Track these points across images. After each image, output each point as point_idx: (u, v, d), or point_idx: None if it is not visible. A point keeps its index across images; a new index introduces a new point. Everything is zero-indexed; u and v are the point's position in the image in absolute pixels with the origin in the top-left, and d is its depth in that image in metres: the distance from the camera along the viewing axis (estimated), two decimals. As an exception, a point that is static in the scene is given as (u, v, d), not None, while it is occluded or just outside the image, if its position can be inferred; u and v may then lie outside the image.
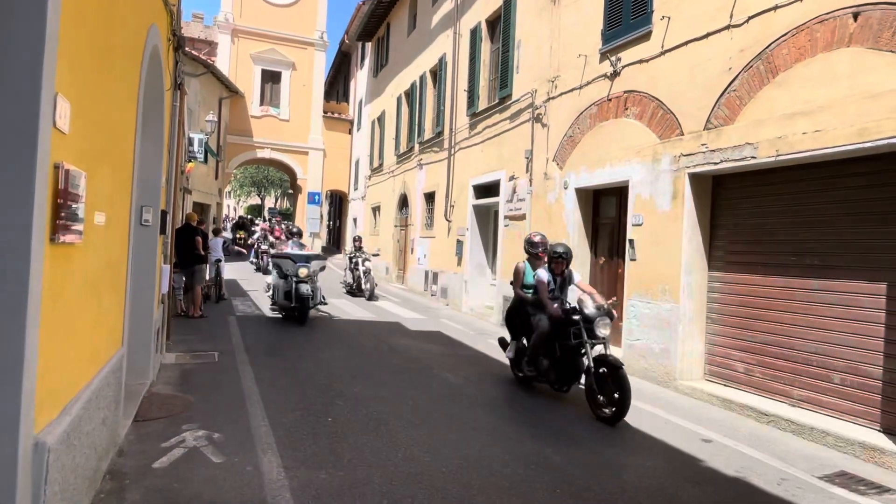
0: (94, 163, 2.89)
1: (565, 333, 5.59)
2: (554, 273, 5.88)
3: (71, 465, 2.59)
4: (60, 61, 2.18)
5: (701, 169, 6.40)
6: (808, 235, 5.57)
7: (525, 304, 6.21)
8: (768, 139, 5.56)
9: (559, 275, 5.91)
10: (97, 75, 2.88)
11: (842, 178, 5.30)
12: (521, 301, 6.29)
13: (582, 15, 8.70)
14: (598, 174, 8.16)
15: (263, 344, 7.84)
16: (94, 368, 3.19)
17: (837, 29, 4.99)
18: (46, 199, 2.15)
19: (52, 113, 2.14)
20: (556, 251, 5.83)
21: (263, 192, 47.26)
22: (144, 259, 5.17)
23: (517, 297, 6.39)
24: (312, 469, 3.76)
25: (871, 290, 4.99)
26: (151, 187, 5.21)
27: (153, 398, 5.06)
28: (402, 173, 17.86)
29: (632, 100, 7.52)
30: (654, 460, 4.36)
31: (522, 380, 6.34)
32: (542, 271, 5.89)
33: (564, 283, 5.97)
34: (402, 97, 18.16)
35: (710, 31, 6.33)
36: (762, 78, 5.70)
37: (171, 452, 3.90)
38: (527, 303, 6.18)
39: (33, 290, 2.04)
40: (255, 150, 24.80)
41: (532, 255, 6.41)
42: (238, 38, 24.32)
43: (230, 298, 12.18)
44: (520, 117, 10.44)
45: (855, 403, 5.06)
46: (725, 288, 6.45)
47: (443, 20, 14.77)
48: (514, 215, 10.52)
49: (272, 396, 5.36)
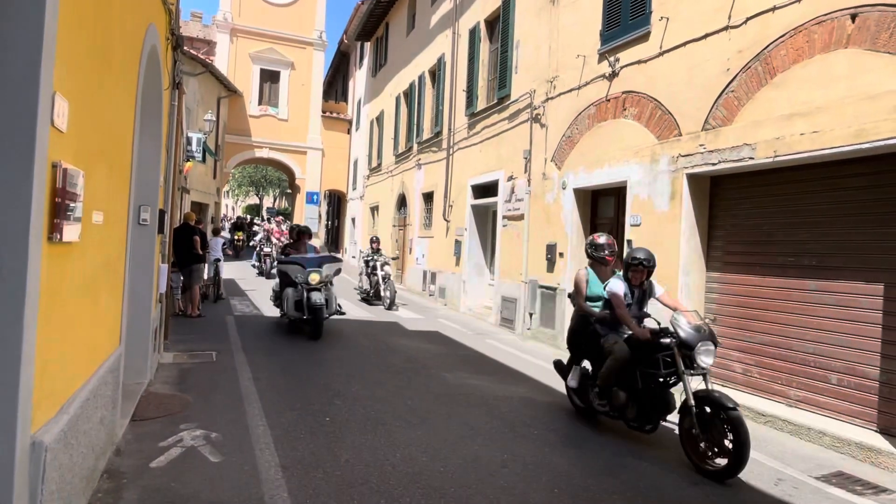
0: (92, 162, 2.89)
1: (651, 361, 4.55)
2: (631, 284, 4.84)
3: (68, 465, 2.59)
4: (59, 60, 2.18)
5: (699, 169, 6.41)
6: (806, 236, 5.58)
7: (591, 322, 5.10)
8: (766, 140, 5.57)
9: (637, 286, 4.88)
10: (95, 74, 2.88)
11: (839, 179, 5.31)
12: (585, 317, 5.18)
13: (581, 15, 8.71)
14: (596, 174, 8.17)
15: (261, 344, 7.84)
16: (92, 367, 3.19)
17: (835, 30, 5.00)
18: (44, 198, 2.15)
19: (51, 112, 2.14)
20: (637, 257, 4.76)
21: (262, 191, 47.20)
22: (142, 258, 5.17)
23: (580, 313, 5.26)
24: (310, 469, 3.76)
25: (869, 290, 5.00)
26: (149, 186, 5.21)
27: (151, 397, 5.05)
28: (401, 173, 17.85)
29: (630, 100, 7.53)
30: (652, 460, 4.36)
31: (586, 412, 5.27)
32: (617, 282, 4.84)
33: (644, 296, 4.95)
34: (401, 97, 18.16)
35: (709, 31, 6.34)
36: (760, 79, 5.71)
37: (168, 452, 3.89)
38: (593, 319, 5.07)
39: (31, 288, 2.04)
40: (254, 150, 24.78)
41: (596, 259, 5.28)
42: (237, 38, 24.29)
43: (228, 298, 12.17)
44: (518, 117, 10.45)
45: (852, 404, 5.07)
46: (723, 288, 6.46)
47: (442, 20, 14.77)
48: (513, 215, 10.52)
49: (270, 396, 5.36)
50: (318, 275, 8.31)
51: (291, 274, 8.45)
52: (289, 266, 8.61)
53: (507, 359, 7.90)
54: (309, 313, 8.14)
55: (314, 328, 8.14)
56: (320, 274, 8.36)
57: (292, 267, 8.52)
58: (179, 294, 9.60)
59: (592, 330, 5.04)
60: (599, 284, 5.12)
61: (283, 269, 8.83)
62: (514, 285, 10.33)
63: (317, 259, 8.83)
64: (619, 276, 4.91)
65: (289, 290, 8.55)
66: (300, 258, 8.73)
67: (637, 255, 4.78)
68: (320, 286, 8.32)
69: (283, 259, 9.11)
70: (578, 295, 5.20)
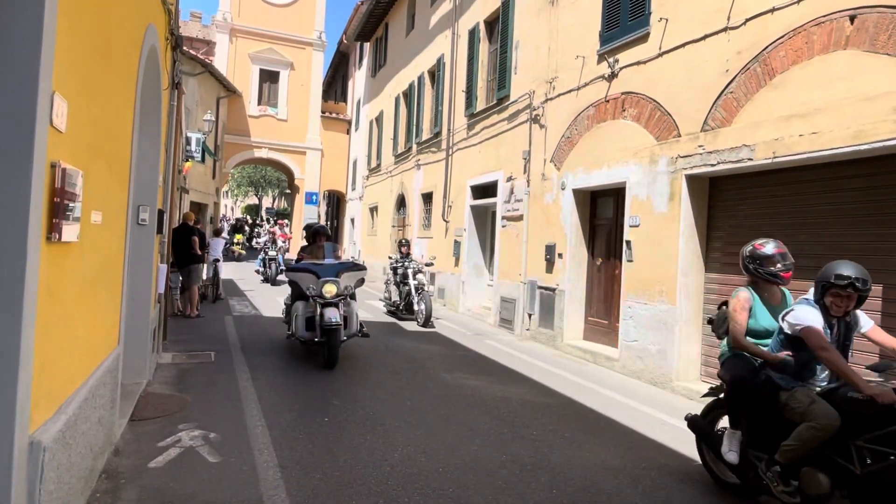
0: (91, 161, 2.89)
1: (875, 429, 2.95)
2: (829, 314, 3.33)
3: (66, 465, 2.58)
4: (58, 60, 2.18)
5: (698, 170, 6.42)
6: (805, 237, 5.58)
7: (759, 367, 3.58)
8: (765, 141, 5.58)
9: (839, 317, 3.37)
10: (95, 74, 2.88)
11: (838, 181, 5.32)
12: (748, 360, 3.66)
13: (580, 16, 8.71)
14: (595, 175, 8.17)
15: (260, 344, 7.84)
16: (91, 367, 3.18)
17: (834, 31, 5.01)
18: (43, 198, 2.15)
19: (50, 111, 2.14)
20: (844, 274, 3.25)
21: (261, 191, 47.20)
22: (141, 258, 5.17)
23: (739, 352, 3.68)
24: (309, 469, 3.76)
25: (867, 291, 5.00)
26: (148, 186, 5.20)
27: (149, 397, 5.05)
28: (400, 174, 17.85)
29: (629, 101, 7.54)
30: (651, 462, 4.36)
31: (742, 488, 3.73)
32: (810, 311, 3.32)
33: (848, 331, 3.43)
34: (401, 97, 18.16)
35: (708, 33, 6.35)
36: (759, 80, 5.72)
37: (167, 452, 3.89)
38: (767, 364, 3.52)
39: (29, 288, 2.04)
40: (253, 150, 24.77)
41: (762, 277, 3.70)
42: (236, 38, 24.28)
43: (227, 298, 12.17)
44: (518, 118, 10.46)
45: (850, 405, 5.07)
46: (722, 289, 6.45)
47: (441, 21, 14.78)
48: (512, 216, 10.53)
49: (268, 396, 5.36)
50: (335, 286, 6.60)
51: (302, 284, 6.79)
52: (299, 274, 6.89)
53: (506, 359, 7.90)
54: (322, 335, 6.46)
55: (328, 354, 6.48)
56: (337, 285, 6.64)
57: (303, 276, 6.81)
58: (178, 294, 9.60)
59: (765, 379, 3.49)
60: (768, 314, 3.69)
61: (292, 277, 7.12)
62: (513, 286, 10.33)
63: (334, 266, 7.02)
64: (810, 302, 3.40)
65: (299, 305, 6.94)
66: (313, 265, 6.98)
67: (844, 272, 3.25)
68: (338, 300, 6.64)
69: (294, 266, 7.34)
70: (736, 327, 3.62)
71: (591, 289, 8.70)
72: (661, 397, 6.33)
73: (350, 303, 7.01)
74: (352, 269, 7.22)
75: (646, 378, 6.94)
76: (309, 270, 6.80)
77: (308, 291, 6.67)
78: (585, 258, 8.77)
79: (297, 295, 7.17)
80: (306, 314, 6.81)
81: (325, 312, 6.44)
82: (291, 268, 7.32)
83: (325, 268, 6.89)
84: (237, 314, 10.41)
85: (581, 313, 8.78)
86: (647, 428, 5.19)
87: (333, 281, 6.66)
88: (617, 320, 7.75)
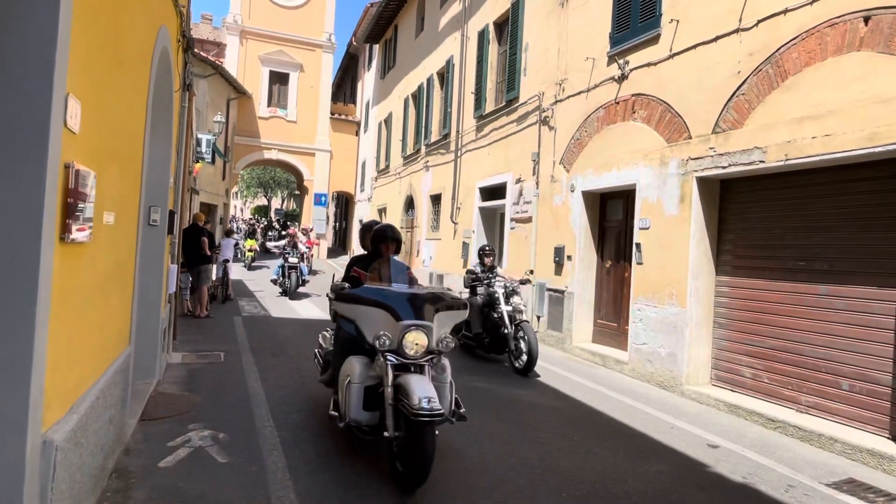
0: (104, 162, 2.91)
1: None
2: None
3: (78, 464, 2.60)
4: (72, 62, 2.20)
5: (709, 173, 6.38)
6: (817, 240, 5.53)
7: None
8: (777, 143, 5.54)
9: None
10: (108, 76, 2.90)
11: (851, 183, 5.26)
12: None
13: (590, 18, 8.69)
14: (604, 177, 8.14)
15: (269, 344, 7.86)
16: (102, 367, 3.20)
17: (848, 33, 4.96)
18: (57, 199, 2.17)
19: (63, 113, 2.15)
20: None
21: (270, 192, 47.41)
22: (152, 259, 5.20)
23: None
24: (317, 470, 3.76)
25: (881, 295, 4.95)
26: (160, 187, 5.24)
27: (159, 397, 5.07)
28: (409, 175, 17.87)
29: (639, 103, 7.50)
30: (660, 465, 4.33)
31: None
32: None
33: None
34: (409, 99, 18.19)
35: (720, 34, 6.31)
36: (771, 82, 5.67)
37: (176, 452, 3.91)
38: None
39: (43, 288, 2.05)
40: (263, 151, 24.87)
41: None
42: (246, 40, 24.41)
43: (236, 299, 12.22)
44: (527, 120, 10.44)
45: (864, 410, 5.02)
46: (733, 292, 6.41)
47: (450, 22, 14.79)
48: (521, 218, 10.50)
49: (277, 397, 5.37)
50: (426, 336, 3.79)
51: (365, 326, 3.96)
52: (362, 309, 3.99)
53: (514, 362, 7.85)
54: (405, 429, 3.53)
55: (412, 464, 3.45)
56: (429, 335, 3.81)
57: (369, 311, 3.95)
58: (188, 294, 9.65)
59: None
60: None
61: (348, 313, 4.13)
62: (522, 288, 10.28)
63: (420, 298, 4.01)
64: None
65: (355, 364, 3.93)
66: (382, 293, 4.04)
67: None
68: (426, 360, 3.79)
69: (350, 293, 4.11)
70: None
71: (600, 291, 8.67)
72: (671, 401, 6.29)
73: (444, 364, 3.95)
74: (448, 304, 4.08)
75: (655, 381, 6.89)
76: (380, 303, 3.86)
77: (377, 342, 3.70)
78: (595, 260, 8.73)
79: (348, 342, 4.09)
80: (367, 380, 3.82)
81: (408, 385, 3.46)
82: (346, 294, 4.06)
83: (404, 300, 3.89)
84: (246, 315, 10.45)
85: (590, 316, 8.74)
86: (657, 432, 5.15)
87: (423, 327, 3.73)
88: (626, 323, 7.71)
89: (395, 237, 4.62)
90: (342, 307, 4.09)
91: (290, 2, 25.08)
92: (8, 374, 1.99)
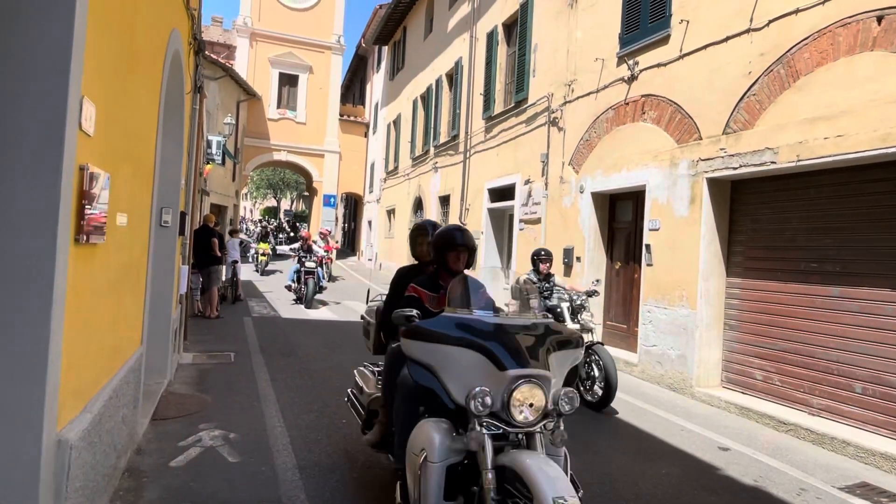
0: (118, 164, 2.94)
1: None
2: None
3: (91, 462, 2.62)
4: (87, 65, 2.22)
5: (719, 174, 6.34)
6: (829, 241, 5.48)
7: None
8: (789, 144, 5.50)
9: None
10: (121, 79, 2.93)
11: (864, 184, 5.21)
12: None
13: (599, 18, 8.67)
14: (614, 178, 8.11)
15: (278, 345, 7.89)
16: (115, 367, 3.23)
17: (860, 32, 4.92)
18: (72, 200, 2.19)
19: (78, 115, 2.18)
20: None
21: (279, 194, 47.62)
22: (163, 260, 5.24)
23: None
24: (327, 471, 3.77)
25: (894, 297, 4.90)
26: (171, 189, 5.28)
27: (170, 397, 5.11)
28: (417, 176, 17.90)
29: (649, 104, 7.47)
30: (670, 468, 4.31)
31: None
32: None
33: None
34: (418, 100, 18.22)
35: (730, 34, 6.27)
36: (783, 82, 5.63)
37: (187, 452, 3.93)
38: None
39: (58, 289, 2.08)
40: (272, 153, 25.00)
41: None
42: (256, 42, 24.55)
43: (246, 299, 12.28)
44: (536, 121, 10.42)
45: (877, 413, 4.97)
46: (744, 294, 6.37)
47: (459, 24, 14.80)
48: (530, 219, 10.49)
49: (287, 397, 5.39)
50: (542, 392, 2.42)
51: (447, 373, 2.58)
52: (441, 348, 2.59)
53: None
54: None
55: None
56: (545, 388, 2.45)
57: (455, 354, 2.56)
58: (199, 295, 9.72)
59: None
60: None
61: (417, 351, 2.70)
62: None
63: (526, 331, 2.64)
64: None
65: (431, 432, 2.54)
66: (473, 328, 2.59)
67: None
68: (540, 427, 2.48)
69: (424, 327, 2.67)
70: None
71: (609, 293, 8.63)
72: (682, 403, 6.25)
73: (562, 433, 2.54)
74: (562, 340, 2.76)
75: (665, 383, 6.86)
76: (474, 344, 2.53)
77: (472, 403, 2.38)
78: (604, 262, 8.70)
79: (419, 396, 2.81)
80: (450, 455, 2.51)
81: (527, 473, 2.21)
82: (420, 329, 2.70)
83: (507, 338, 2.55)
84: (256, 315, 10.50)
85: (599, 317, 8.70)
86: (667, 434, 5.12)
87: (538, 379, 2.44)
88: (636, 325, 7.67)
89: (469, 244, 3.25)
90: (412, 346, 2.70)
91: (300, 4, 25.20)
92: (24, 373, 2.02)
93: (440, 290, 3.21)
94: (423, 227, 3.77)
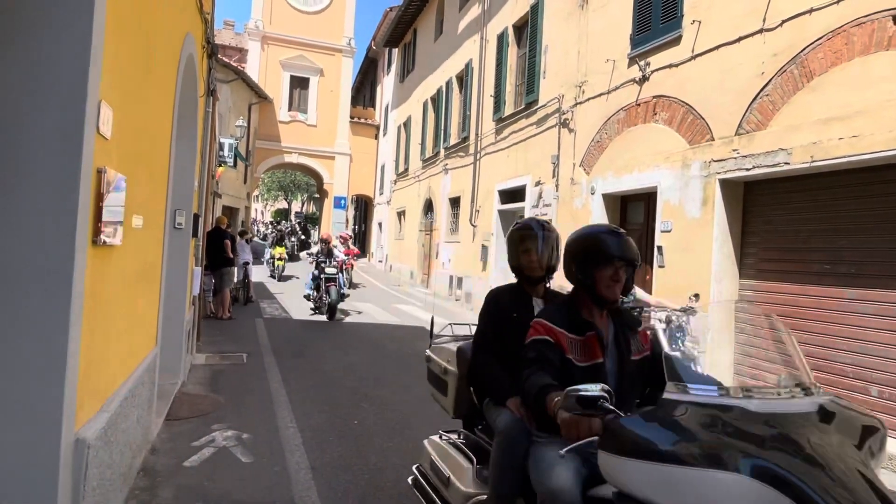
0: (133, 167, 2.98)
1: None
2: None
3: (108, 462, 2.66)
4: (104, 69, 2.26)
5: (732, 175, 6.29)
6: (843, 243, 5.43)
7: None
8: (802, 145, 5.45)
9: None
10: (137, 82, 2.97)
11: (879, 185, 5.15)
12: None
13: (610, 19, 8.65)
14: (625, 180, 8.08)
15: (290, 346, 7.93)
16: (131, 367, 3.27)
17: (875, 32, 4.87)
18: (90, 202, 2.23)
19: (96, 119, 2.21)
20: None
21: (290, 196, 47.86)
22: (177, 261, 5.29)
23: None
24: (339, 471, 3.79)
25: (911, 300, 4.84)
26: (185, 191, 5.33)
27: (184, 398, 5.16)
28: (428, 178, 17.92)
29: (661, 105, 7.44)
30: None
31: None
32: None
33: None
34: (429, 102, 18.25)
35: (742, 35, 6.23)
36: (796, 82, 5.59)
37: (201, 452, 3.97)
38: None
39: (76, 290, 2.11)
40: (283, 155, 25.15)
41: None
42: (268, 45, 24.72)
43: (258, 301, 12.35)
44: (546, 122, 10.41)
45: (894, 417, 4.91)
46: (757, 296, 6.31)
47: (470, 26, 14.82)
48: (540, 221, 10.46)
49: (299, 398, 5.42)
50: None
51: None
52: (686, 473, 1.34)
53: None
54: None
55: None
56: None
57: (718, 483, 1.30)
58: (211, 297, 9.79)
59: None
60: None
61: (627, 474, 1.45)
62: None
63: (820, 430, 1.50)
64: None
65: None
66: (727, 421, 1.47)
67: None
68: None
69: (631, 426, 1.53)
70: None
71: (620, 294, 8.59)
72: (694, 406, 6.21)
73: None
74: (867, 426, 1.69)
75: (677, 386, 6.81)
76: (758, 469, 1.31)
77: None
78: (615, 263, 8.66)
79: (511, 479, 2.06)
80: None
81: None
82: (632, 434, 1.50)
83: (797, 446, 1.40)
84: (268, 317, 10.56)
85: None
86: (680, 437, 5.08)
87: None
88: (647, 327, 7.63)
89: (630, 256, 2.18)
90: (621, 467, 1.51)
91: (311, 7, 25.34)
92: (42, 373, 2.05)
93: (587, 332, 2.09)
94: (528, 226, 2.66)
